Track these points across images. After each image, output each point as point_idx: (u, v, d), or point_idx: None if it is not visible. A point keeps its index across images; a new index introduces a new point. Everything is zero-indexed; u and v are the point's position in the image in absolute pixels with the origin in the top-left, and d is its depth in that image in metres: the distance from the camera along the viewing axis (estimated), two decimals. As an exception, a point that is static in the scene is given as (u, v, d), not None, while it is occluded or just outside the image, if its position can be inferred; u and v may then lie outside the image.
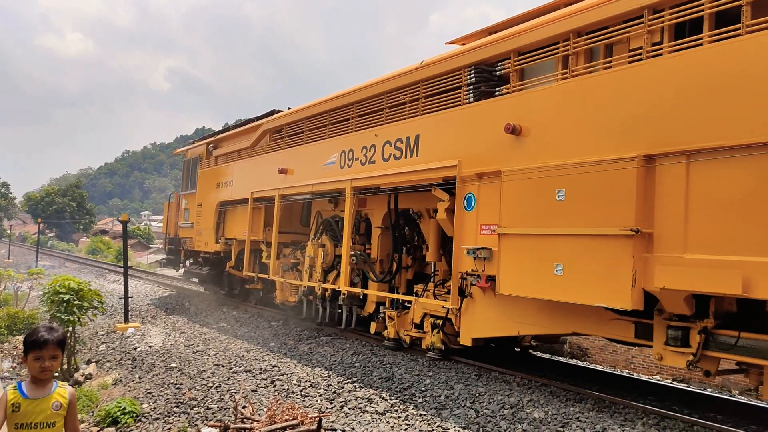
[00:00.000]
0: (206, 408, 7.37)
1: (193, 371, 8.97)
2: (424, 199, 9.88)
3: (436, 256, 9.71)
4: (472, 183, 8.12)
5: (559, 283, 6.61)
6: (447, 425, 6.39)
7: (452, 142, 8.41)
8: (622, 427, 6.09)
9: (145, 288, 20.86)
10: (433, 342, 9.25)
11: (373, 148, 9.87)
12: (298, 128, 12.33)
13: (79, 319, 10.49)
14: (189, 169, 18.13)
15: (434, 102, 8.89)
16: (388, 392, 7.57)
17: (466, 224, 8.18)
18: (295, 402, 7.01)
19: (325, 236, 12.01)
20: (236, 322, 13.29)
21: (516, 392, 7.33)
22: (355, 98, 10.50)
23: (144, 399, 8.03)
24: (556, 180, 6.75)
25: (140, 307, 16.00)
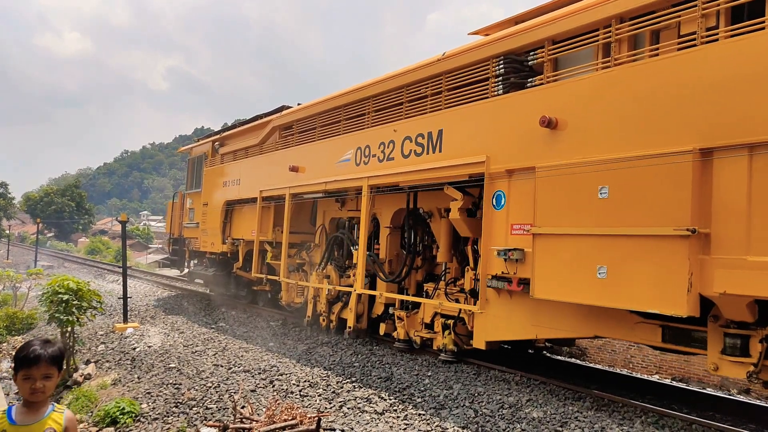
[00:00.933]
0: (205, 408, 7.30)
1: (192, 371, 8.88)
2: (435, 198, 9.45)
3: (447, 256, 9.27)
4: (501, 180, 7.59)
5: (603, 287, 6.09)
6: (446, 425, 6.31)
7: (479, 136, 7.89)
8: (621, 426, 6.00)
9: (144, 288, 20.62)
10: (445, 344, 8.84)
11: (391, 144, 9.35)
12: (309, 124, 11.79)
13: (78, 319, 10.38)
14: (194, 167, 17.56)
15: (458, 95, 8.37)
16: (387, 392, 7.50)
17: (496, 224, 7.65)
18: (294, 402, 6.96)
19: (330, 266, 11.51)
20: (235, 322, 13.18)
21: (515, 392, 7.23)
22: (372, 92, 9.96)
23: (143, 399, 7.97)
24: (598, 176, 6.23)
25: (139, 307, 15.79)
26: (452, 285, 9.03)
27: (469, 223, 8.33)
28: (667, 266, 5.55)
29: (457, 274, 9.14)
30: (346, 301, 10.92)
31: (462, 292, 8.78)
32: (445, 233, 9.24)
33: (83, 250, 56.35)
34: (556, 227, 6.64)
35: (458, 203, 8.30)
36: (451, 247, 9.20)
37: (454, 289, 8.99)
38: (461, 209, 8.28)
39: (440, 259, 9.34)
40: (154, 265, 45.51)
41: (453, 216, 8.38)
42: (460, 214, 8.28)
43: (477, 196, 8.39)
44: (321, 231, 12.27)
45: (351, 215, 11.48)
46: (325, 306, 11.31)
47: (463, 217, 8.31)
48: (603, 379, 8.42)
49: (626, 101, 6.17)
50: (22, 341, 13.83)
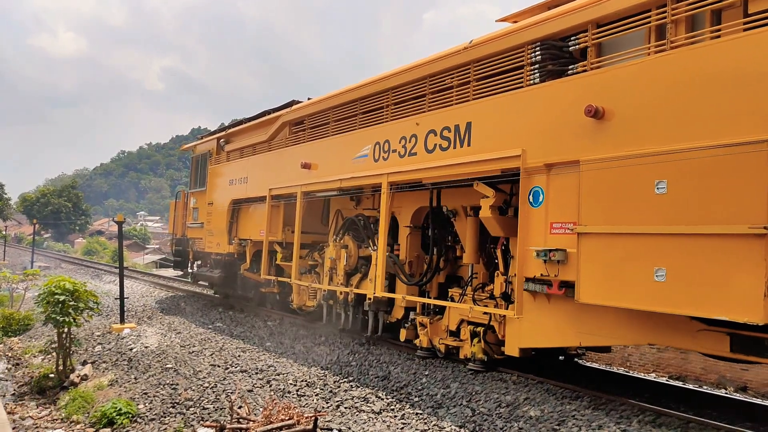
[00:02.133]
0: (202, 408, 7.23)
1: (189, 371, 8.79)
2: (459, 195, 8.84)
3: (474, 257, 8.67)
4: (539, 175, 6.97)
5: (661, 291, 5.48)
6: (443, 424, 6.24)
7: (513, 129, 7.27)
8: (618, 424, 5.91)
9: (141, 289, 20.35)
10: (474, 352, 8.24)
11: (414, 138, 8.72)
12: (322, 119, 11.12)
13: (75, 320, 10.27)
14: (198, 165, 16.85)
15: (488, 85, 7.74)
16: (385, 391, 7.44)
17: (533, 222, 7.03)
18: (291, 402, 6.89)
19: (347, 236, 10.93)
20: (232, 322, 13.05)
21: (512, 390, 7.11)
22: (392, 84, 9.31)
23: (140, 400, 7.91)
24: (654, 169, 5.62)
25: (136, 307, 15.59)
26: (480, 290, 8.44)
27: (502, 222, 7.73)
28: (738, 268, 4.94)
29: (485, 277, 8.57)
30: (365, 272, 10.33)
31: (492, 298, 8.18)
32: (472, 233, 8.65)
33: (80, 250, 55.85)
34: (604, 226, 6.02)
35: (490, 200, 7.69)
36: (478, 248, 8.61)
37: (482, 294, 8.38)
38: (493, 207, 7.68)
39: (466, 260, 8.74)
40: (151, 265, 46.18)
41: (484, 214, 7.77)
42: (491, 212, 7.68)
43: (509, 193, 7.83)
44: (334, 229, 11.62)
45: (367, 214, 10.86)
46: (343, 278, 10.65)
47: (495, 216, 7.70)
48: (600, 377, 8.14)
49: (686, 88, 5.56)
50: (19, 342, 13.74)
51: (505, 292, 7.90)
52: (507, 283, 7.87)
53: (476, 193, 8.12)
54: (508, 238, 7.89)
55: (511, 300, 7.70)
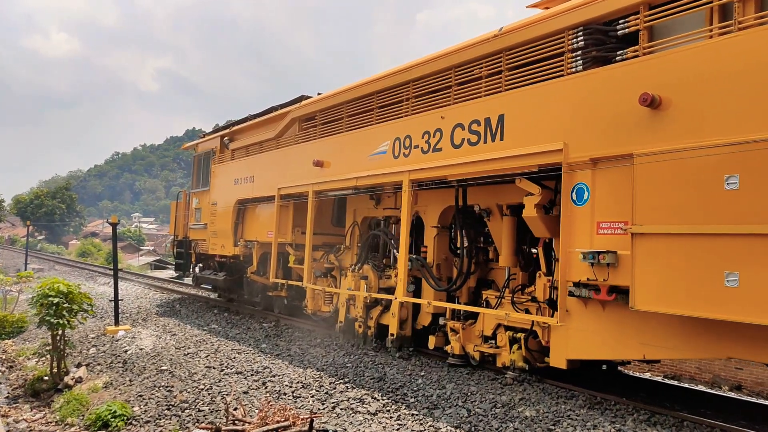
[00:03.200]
0: (197, 410, 7.18)
1: (184, 373, 8.70)
2: (493, 193, 8.22)
3: (512, 259, 8.05)
4: (583, 171, 6.34)
5: (733, 297, 4.88)
6: (439, 425, 6.20)
7: (552, 121, 6.65)
8: (613, 423, 5.89)
9: (135, 290, 20.00)
10: (513, 360, 7.62)
11: (438, 132, 8.09)
12: (335, 114, 10.47)
13: (69, 322, 10.21)
14: (200, 164, 16.14)
15: (523, 74, 7.12)
16: (380, 392, 7.38)
17: (577, 222, 6.41)
18: (286, 403, 6.86)
19: (367, 266, 10.17)
20: (227, 324, 12.92)
21: (507, 391, 7.10)
22: (412, 76, 8.68)
23: (135, 402, 7.85)
24: (723, 163, 5.02)
25: (131, 309, 15.37)
26: (519, 293, 7.81)
27: (547, 222, 7.09)
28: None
29: (525, 280, 7.95)
30: (386, 304, 9.66)
31: (534, 302, 7.55)
32: (508, 234, 8.02)
33: (74, 252, 55.06)
34: (664, 225, 5.42)
35: (535, 198, 7.05)
36: (515, 250, 8.03)
37: (522, 298, 7.74)
38: (538, 205, 7.04)
39: (503, 263, 8.10)
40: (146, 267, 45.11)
41: (528, 213, 7.12)
42: (537, 211, 7.03)
43: (554, 190, 7.20)
44: (352, 231, 10.96)
45: (389, 214, 10.23)
46: (362, 311, 9.99)
47: (541, 215, 7.05)
48: (595, 377, 7.99)
49: (758, 73, 4.98)
50: (13, 345, 13.57)
51: (550, 298, 7.28)
52: (552, 288, 7.26)
53: (513, 190, 7.58)
54: (551, 238, 7.33)
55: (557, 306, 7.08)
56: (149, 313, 14.74)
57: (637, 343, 6.14)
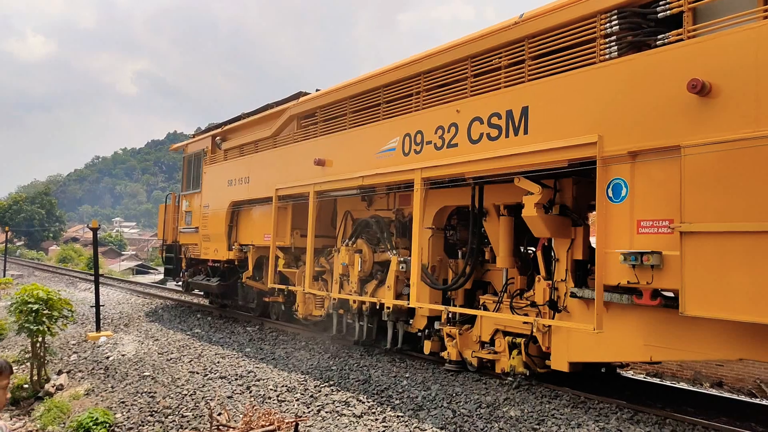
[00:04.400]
0: (181, 416, 7.09)
1: (167, 379, 8.60)
2: (491, 193, 7.83)
3: (509, 261, 7.68)
4: (620, 165, 5.76)
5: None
6: (424, 426, 6.18)
7: (584, 112, 6.06)
8: (597, 422, 5.90)
9: (117, 296, 19.56)
10: (513, 365, 7.33)
11: (453, 127, 7.47)
12: (338, 110, 9.79)
13: (49, 329, 10.02)
14: (190, 166, 15.33)
15: (548, 63, 6.54)
16: (366, 395, 7.35)
17: (615, 220, 5.83)
18: (271, 407, 6.79)
19: (361, 240, 9.80)
20: (211, 328, 12.80)
21: (492, 391, 7.09)
22: (423, 68, 8.05)
23: (117, 409, 7.76)
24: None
25: (112, 315, 15.00)
26: (518, 298, 7.47)
27: (548, 222, 6.74)
28: None
29: (523, 284, 7.63)
30: (381, 278, 9.30)
31: (533, 306, 7.20)
32: (506, 234, 7.68)
33: (54, 258, 53.63)
34: (717, 223, 4.87)
35: (535, 197, 6.70)
36: (512, 251, 7.72)
37: (521, 302, 7.40)
38: (538, 205, 6.69)
39: (501, 264, 7.74)
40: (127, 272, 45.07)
41: (528, 213, 6.75)
42: (537, 210, 6.68)
43: (555, 189, 6.94)
44: (343, 233, 10.40)
45: (381, 215, 9.75)
46: (356, 285, 9.58)
47: (542, 215, 6.72)
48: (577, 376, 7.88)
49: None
50: None
51: (551, 300, 6.93)
52: (552, 289, 6.95)
53: (511, 189, 7.26)
54: (550, 239, 7.05)
55: (558, 308, 6.88)
56: (131, 319, 14.45)
57: (643, 345, 5.98)
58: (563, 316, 6.78)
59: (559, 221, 6.83)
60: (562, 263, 6.92)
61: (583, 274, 6.95)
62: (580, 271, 6.93)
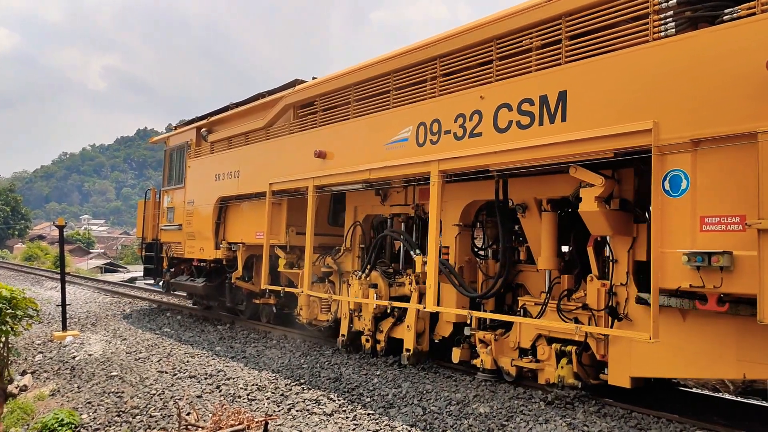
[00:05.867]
0: (149, 416, 6.98)
1: (135, 379, 8.48)
2: (530, 185, 7.05)
3: (553, 261, 6.89)
4: (679, 154, 5.05)
5: None
6: (395, 423, 6.17)
7: (634, 96, 5.34)
8: (564, 417, 5.92)
9: (84, 294, 19.09)
10: (562, 376, 6.50)
11: (477, 115, 6.70)
12: (340, 98, 8.92)
13: (13, 328, 9.64)
14: (173, 159, 14.26)
15: (590, 43, 5.81)
16: (336, 393, 7.31)
17: (673, 217, 5.12)
18: (241, 406, 6.75)
19: (375, 273, 8.84)
20: (180, 327, 12.60)
21: (462, 388, 7.11)
22: (440, 51, 7.26)
23: (83, 409, 7.57)
24: None
25: (79, 314, 14.62)
26: (566, 301, 6.70)
27: (610, 217, 5.93)
28: None
29: (570, 284, 6.83)
30: (399, 315, 8.44)
31: (585, 309, 6.43)
32: (550, 232, 6.87)
33: (19, 256, 51.57)
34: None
35: (595, 190, 5.85)
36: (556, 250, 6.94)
37: (569, 305, 6.61)
38: (599, 198, 5.84)
39: (543, 265, 6.92)
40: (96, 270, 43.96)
41: (588, 208, 5.92)
42: (599, 204, 5.85)
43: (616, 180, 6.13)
44: (353, 232, 9.50)
45: (398, 211, 8.91)
46: (370, 323, 8.69)
47: (603, 209, 5.88)
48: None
49: None
50: None
51: (610, 305, 6.16)
52: (611, 294, 6.17)
53: (556, 181, 6.57)
54: (605, 237, 6.29)
55: (619, 315, 6.07)
56: (99, 318, 14.13)
57: (735, 361, 5.17)
58: (624, 324, 6.02)
59: (619, 217, 6.01)
60: (621, 265, 6.14)
61: (646, 277, 6.12)
62: (643, 273, 6.10)
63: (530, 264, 7.35)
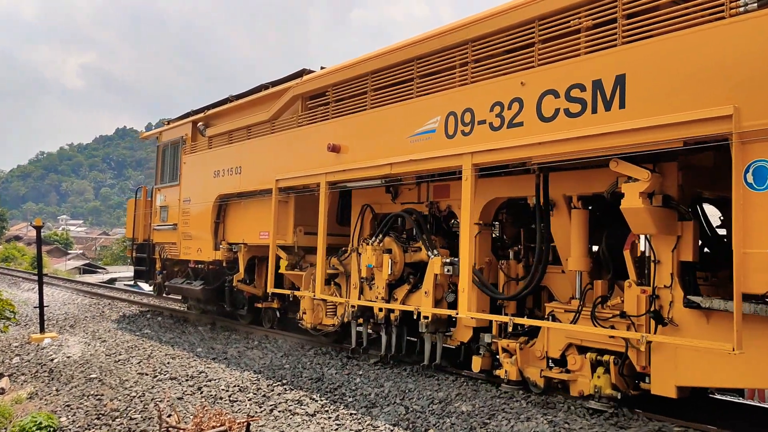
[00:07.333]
0: (129, 419, 6.93)
1: (114, 381, 8.40)
2: (562, 181, 6.45)
3: (585, 262, 6.28)
4: (765, 143, 4.44)
5: None
6: (377, 423, 6.16)
7: (708, 78, 4.71)
8: (545, 415, 5.90)
9: (62, 296, 18.67)
10: (598, 387, 5.91)
11: (517, 103, 6.02)
12: (356, 88, 8.17)
13: None
14: (165, 156, 13.42)
15: (652, 21, 5.16)
16: (319, 393, 7.28)
17: (758, 213, 4.52)
18: (223, 408, 6.69)
19: (389, 238, 8.20)
20: (161, 328, 12.41)
21: (444, 387, 7.06)
22: (472, 34, 6.58)
23: (62, 412, 7.48)
24: None
25: (57, 316, 14.35)
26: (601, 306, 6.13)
27: (654, 215, 5.39)
28: None
29: (604, 290, 6.26)
30: (414, 282, 7.90)
31: (623, 316, 5.86)
32: (580, 230, 6.29)
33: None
34: None
35: (640, 185, 5.29)
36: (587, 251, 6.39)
37: (605, 313, 6.04)
38: (644, 194, 5.30)
39: (574, 266, 6.31)
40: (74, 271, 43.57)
41: (632, 204, 5.34)
42: (643, 201, 5.30)
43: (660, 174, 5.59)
44: (360, 231, 8.79)
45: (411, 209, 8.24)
46: (384, 291, 8.12)
47: (649, 206, 5.34)
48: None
49: None
50: None
51: (655, 311, 5.59)
52: (653, 298, 5.62)
53: (589, 176, 6.12)
54: (647, 237, 5.74)
55: (664, 321, 5.53)
56: (77, 320, 13.83)
57: None
58: (669, 329, 5.46)
59: (663, 214, 5.47)
60: (665, 266, 5.56)
61: (692, 279, 5.65)
62: (689, 275, 5.61)
63: (554, 265, 6.77)
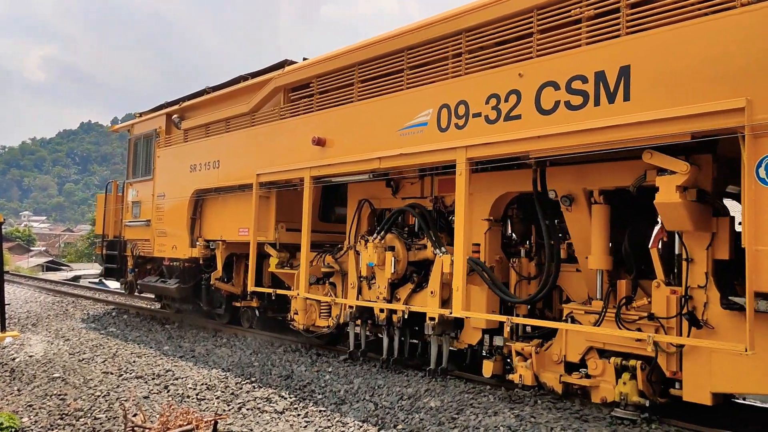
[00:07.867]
0: (93, 418, 6.85)
1: (78, 380, 8.27)
2: (581, 175, 6.13)
3: (606, 260, 5.97)
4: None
5: None
6: (346, 419, 6.16)
7: (717, 70, 4.53)
8: (512, 410, 5.90)
9: (24, 294, 18.37)
10: (624, 394, 5.56)
11: (514, 95, 5.78)
12: (342, 80, 7.85)
13: None
14: (138, 149, 12.86)
15: (657, 11, 4.96)
16: (288, 390, 7.24)
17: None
18: (190, 406, 6.64)
19: (391, 235, 7.83)
20: (126, 327, 12.21)
21: (413, 383, 7.04)
22: (467, 24, 6.33)
23: (24, 412, 7.38)
24: None
25: (19, 314, 14.14)
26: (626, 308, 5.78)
27: (691, 210, 5.06)
28: None
29: (628, 290, 5.90)
30: (418, 281, 7.56)
31: (651, 319, 5.53)
32: (601, 227, 5.96)
33: (-48, 253, 48.06)
34: None
35: (677, 178, 4.95)
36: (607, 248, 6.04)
37: (631, 315, 5.69)
38: (680, 188, 4.97)
39: (594, 264, 6.00)
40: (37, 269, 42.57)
41: (668, 199, 5.02)
42: (680, 195, 4.96)
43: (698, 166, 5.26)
44: (356, 227, 8.46)
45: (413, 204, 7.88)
46: (385, 291, 7.74)
47: (686, 201, 5.01)
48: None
49: None
50: None
51: (689, 312, 5.25)
52: (686, 299, 5.29)
53: (611, 169, 5.75)
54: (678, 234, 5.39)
55: (698, 323, 5.20)
56: (40, 318, 13.61)
57: None
58: (704, 332, 5.16)
59: (698, 210, 5.14)
60: (699, 264, 5.26)
61: (727, 279, 5.37)
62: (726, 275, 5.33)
63: (569, 263, 6.47)
